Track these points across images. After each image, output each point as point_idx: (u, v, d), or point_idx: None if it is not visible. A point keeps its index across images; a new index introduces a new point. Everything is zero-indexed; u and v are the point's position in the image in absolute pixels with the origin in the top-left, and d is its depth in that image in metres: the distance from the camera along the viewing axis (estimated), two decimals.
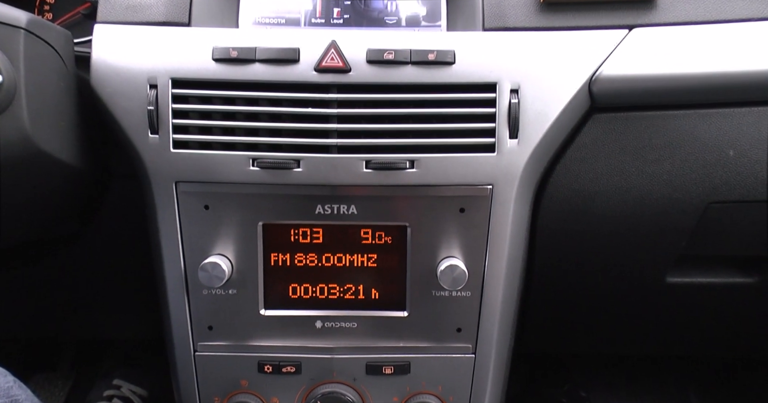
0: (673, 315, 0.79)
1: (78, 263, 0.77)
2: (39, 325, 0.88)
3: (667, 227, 0.67)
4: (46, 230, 0.71)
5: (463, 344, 0.66)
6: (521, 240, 0.65)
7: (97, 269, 0.78)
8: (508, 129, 0.60)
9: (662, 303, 0.76)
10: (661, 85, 0.62)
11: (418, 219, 0.62)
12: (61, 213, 0.69)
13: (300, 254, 0.63)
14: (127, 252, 0.74)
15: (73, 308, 0.83)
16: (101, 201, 0.71)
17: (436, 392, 0.67)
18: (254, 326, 0.65)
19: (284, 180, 0.60)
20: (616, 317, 0.80)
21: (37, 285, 0.80)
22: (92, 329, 0.88)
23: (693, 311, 0.77)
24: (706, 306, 0.76)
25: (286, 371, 0.65)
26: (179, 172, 0.60)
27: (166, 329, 0.66)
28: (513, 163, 0.61)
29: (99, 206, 0.71)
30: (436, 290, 0.64)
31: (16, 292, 0.81)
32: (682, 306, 0.77)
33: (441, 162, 0.60)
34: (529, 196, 0.65)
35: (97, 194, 0.70)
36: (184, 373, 0.67)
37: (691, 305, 0.76)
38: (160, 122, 0.60)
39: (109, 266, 0.77)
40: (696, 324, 0.81)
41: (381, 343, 0.65)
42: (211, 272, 0.61)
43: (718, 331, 0.81)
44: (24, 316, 0.86)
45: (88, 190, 0.68)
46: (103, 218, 0.72)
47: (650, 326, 0.82)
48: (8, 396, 0.57)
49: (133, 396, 1.02)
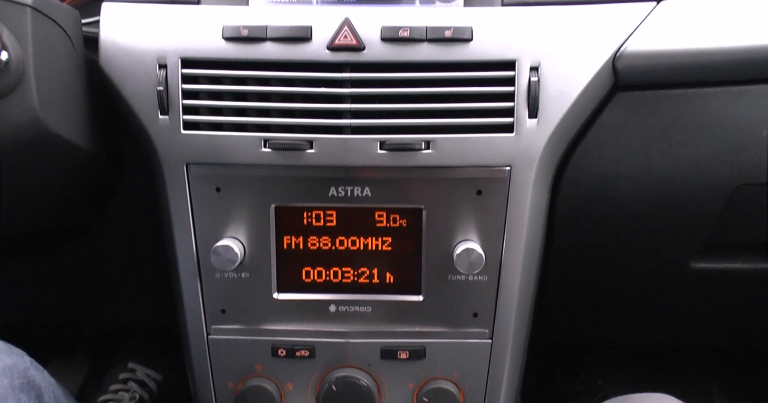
0: (696, 303, 0.78)
1: (93, 251, 0.78)
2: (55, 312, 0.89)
3: (692, 211, 0.66)
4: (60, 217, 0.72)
5: (480, 329, 0.65)
6: (540, 224, 0.64)
7: (111, 257, 0.78)
8: (527, 108, 0.59)
9: (685, 291, 0.75)
10: (690, 61, 0.60)
11: (433, 201, 0.61)
12: (75, 200, 0.69)
13: (313, 237, 0.63)
14: (140, 238, 0.74)
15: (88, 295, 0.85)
16: (114, 188, 0.71)
17: (452, 377, 0.67)
18: (267, 309, 0.65)
19: (297, 162, 0.60)
20: (636, 305, 0.79)
21: (53, 273, 0.81)
22: (108, 316, 0.89)
23: (718, 299, 0.76)
24: (732, 294, 0.75)
25: (300, 355, 0.65)
26: (190, 154, 0.60)
27: (179, 312, 0.67)
28: (532, 144, 0.60)
29: (112, 193, 0.72)
30: (452, 274, 0.63)
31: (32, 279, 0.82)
32: (706, 294, 0.75)
33: (457, 143, 0.59)
34: (549, 179, 0.64)
35: (109, 181, 0.70)
36: (197, 357, 0.67)
37: (716, 293, 0.75)
38: (170, 103, 0.59)
39: (124, 253, 0.78)
40: (720, 313, 0.79)
41: (396, 327, 0.65)
42: (223, 255, 0.61)
43: (743, 320, 0.80)
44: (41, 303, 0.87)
45: (101, 176, 0.68)
46: (116, 205, 0.73)
47: (672, 315, 0.81)
48: (25, 376, 0.58)
49: (148, 380, 1.04)
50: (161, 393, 1.05)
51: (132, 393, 1.01)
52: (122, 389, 1.02)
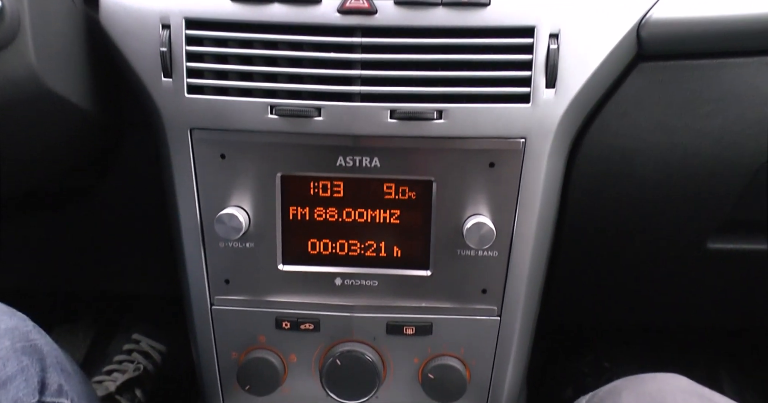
0: (711, 285, 0.76)
1: (96, 215, 0.78)
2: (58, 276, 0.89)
3: (713, 188, 0.64)
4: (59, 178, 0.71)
5: (488, 305, 0.64)
6: (553, 199, 0.63)
7: (115, 221, 0.78)
8: (545, 78, 0.57)
9: (700, 271, 0.74)
10: (719, 29, 0.57)
11: (444, 174, 0.60)
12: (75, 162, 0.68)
13: (320, 208, 0.62)
14: (144, 204, 0.73)
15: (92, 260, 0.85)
16: (116, 151, 0.70)
17: (458, 354, 0.66)
18: (272, 281, 0.64)
19: (304, 129, 0.58)
20: (648, 285, 0.77)
21: (55, 237, 0.81)
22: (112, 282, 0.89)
23: (734, 280, 0.75)
24: (749, 275, 0.73)
25: (304, 327, 0.65)
26: (194, 118, 0.59)
27: (183, 282, 0.66)
28: (548, 116, 0.58)
29: (114, 156, 0.71)
30: (462, 249, 0.62)
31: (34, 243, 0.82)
32: (722, 275, 0.74)
33: (471, 113, 0.57)
34: (564, 152, 0.62)
35: (111, 143, 0.69)
36: (201, 327, 0.67)
37: (732, 274, 0.74)
38: (173, 65, 0.58)
39: (128, 218, 0.77)
40: (735, 295, 0.78)
41: (402, 302, 0.64)
42: (227, 223, 0.60)
43: (758, 303, 0.79)
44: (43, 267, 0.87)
45: (102, 138, 0.67)
46: (119, 169, 0.72)
47: (685, 296, 0.79)
48: (27, 339, 0.58)
49: (152, 351, 1.04)
50: (165, 364, 1.05)
51: (136, 364, 1.02)
52: (127, 360, 1.03)
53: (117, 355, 1.04)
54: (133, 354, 1.03)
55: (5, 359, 0.55)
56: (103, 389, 0.95)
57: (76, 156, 0.67)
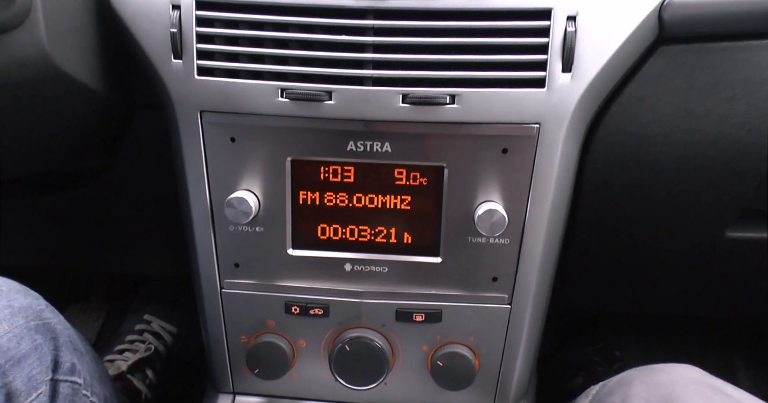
0: (728, 274, 0.76)
1: (107, 196, 0.78)
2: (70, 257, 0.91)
3: (734, 175, 0.63)
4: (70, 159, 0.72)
5: (499, 293, 0.64)
6: (567, 186, 0.62)
7: (125, 203, 0.79)
8: (561, 62, 0.56)
9: (718, 260, 0.73)
10: (746, 9, 0.55)
11: (456, 159, 0.59)
12: (86, 143, 0.69)
13: (330, 193, 0.62)
14: (154, 186, 0.74)
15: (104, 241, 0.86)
16: (127, 132, 0.71)
17: (468, 342, 0.66)
18: (281, 265, 0.65)
19: (314, 113, 0.58)
20: (663, 274, 0.77)
21: (67, 217, 0.82)
22: (122, 263, 0.91)
23: (752, 269, 0.74)
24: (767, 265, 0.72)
25: (314, 313, 0.65)
26: (204, 100, 0.59)
27: (193, 264, 0.67)
28: (564, 101, 0.57)
29: (124, 137, 0.71)
30: (473, 236, 0.62)
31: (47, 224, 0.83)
32: (739, 264, 0.73)
33: (484, 97, 0.57)
34: (579, 138, 0.61)
35: (122, 125, 0.70)
36: (210, 310, 0.68)
37: (750, 263, 0.73)
38: (183, 47, 0.58)
39: (138, 200, 0.78)
40: (753, 284, 0.77)
41: (412, 289, 0.65)
42: (237, 207, 0.60)
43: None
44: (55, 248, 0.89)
45: (113, 119, 0.68)
46: (130, 151, 0.72)
47: (700, 286, 0.79)
48: (40, 318, 0.59)
49: (162, 332, 1.06)
50: (175, 345, 1.07)
51: (147, 344, 1.04)
52: (138, 341, 1.05)
53: (129, 335, 1.06)
54: (144, 334, 1.05)
55: (19, 337, 0.56)
56: (114, 368, 0.97)
57: (87, 137, 0.68)
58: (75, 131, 0.65)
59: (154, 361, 1.03)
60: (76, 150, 0.70)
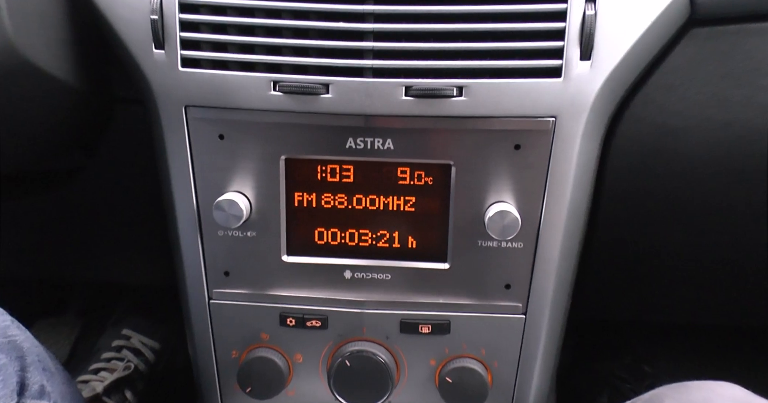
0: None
1: (84, 199, 0.80)
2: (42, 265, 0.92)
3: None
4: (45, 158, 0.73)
5: (512, 302, 0.66)
6: (586, 184, 0.64)
7: (104, 206, 0.81)
8: (579, 49, 0.58)
9: (756, 266, 0.74)
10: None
11: (464, 157, 0.61)
12: (60, 141, 0.70)
13: (327, 194, 0.64)
14: (136, 187, 0.76)
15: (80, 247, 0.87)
16: (105, 129, 0.72)
17: (479, 356, 0.68)
18: (275, 273, 0.67)
19: (310, 108, 0.60)
20: (695, 280, 0.78)
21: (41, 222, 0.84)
22: (101, 271, 0.92)
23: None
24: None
25: (311, 325, 0.67)
26: (189, 94, 0.61)
27: (179, 273, 0.69)
28: (582, 92, 0.59)
29: (102, 135, 0.73)
30: (483, 240, 0.64)
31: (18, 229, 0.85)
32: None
33: (495, 89, 0.59)
34: (600, 132, 0.63)
35: (100, 121, 0.71)
36: (198, 322, 0.70)
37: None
38: (165, 35, 0.60)
39: (118, 203, 0.80)
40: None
41: (418, 298, 0.67)
42: (227, 210, 0.62)
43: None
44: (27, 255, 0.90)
45: (89, 115, 0.69)
46: (109, 149, 0.74)
47: (737, 293, 0.80)
48: (5, 336, 0.60)
49: (143, 348, 1.07)
50: (158, 362, 1.09)
51: (126, 362, 1.05)
52: (115, 358, 1.06)
53: (105, 352, 1.07)
54: (123, 351, 1.07)
55: None
56: (89, 390, 0.98)
57: (61, 135, 0.69)
58: (47, 128, 0.66)
59: (133, 381, 1.04)
60: (49, 149, 0.71)
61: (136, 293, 1.17)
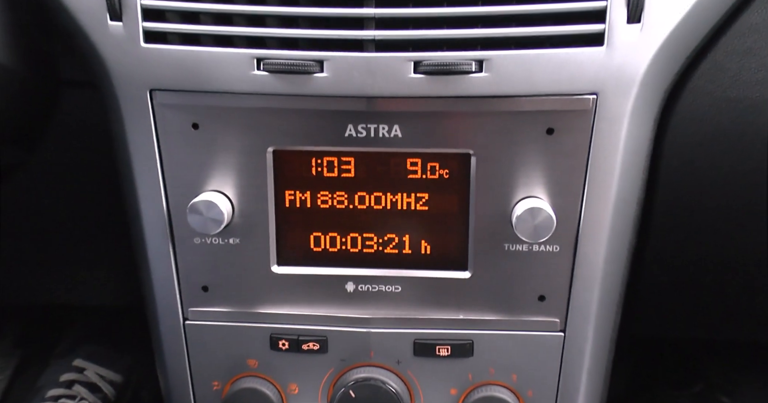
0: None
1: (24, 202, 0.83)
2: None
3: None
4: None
5: (548, 317, 0.69)
6: (636, 175, 0.67)
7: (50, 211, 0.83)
8: (626, 9, 0.60)
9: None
10: None
11: (486, 145, 0.64)
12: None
13: (324, 192, 0.67)
14: (90, 188, 0.79)
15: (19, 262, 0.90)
16: (50, 118, 0.75)
17: (509, 383, 0.72)
18: (264, 287, 0.70)
19: (302, 90, 0.63)
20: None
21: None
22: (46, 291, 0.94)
23: None
24: None
25: (308, 348, 0.71)
26: (155, 76, 0.63)
27: (146, 289, 0.72)
28: (630, 62, 0.61)
29: (47, 125, 0.76)
30: (511, 243, 0.67)
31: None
32: None
33: (522, 62, 0.61)
34: (654, 111, 0.65)
35: (42, 109, 0.74)
36: (171, 348, 0.73)
37: None
38: (123, 3, 0.62)
39: (67, 207, 0.82)
40: None
41: (434, 314, 0.70)
42: (205, 214, 0.65)
43: None
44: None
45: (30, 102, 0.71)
46: (55, 142, 0.77)
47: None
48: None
49: (101, 382, 1.09)
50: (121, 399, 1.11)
51: (79, 401, 1.07)
52: (65, 396, 1.08)
53: (51, 388, 1.08)
54: (74, 387, 1.09)
55: None
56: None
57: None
58: None
59: None
60: None
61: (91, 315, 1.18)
